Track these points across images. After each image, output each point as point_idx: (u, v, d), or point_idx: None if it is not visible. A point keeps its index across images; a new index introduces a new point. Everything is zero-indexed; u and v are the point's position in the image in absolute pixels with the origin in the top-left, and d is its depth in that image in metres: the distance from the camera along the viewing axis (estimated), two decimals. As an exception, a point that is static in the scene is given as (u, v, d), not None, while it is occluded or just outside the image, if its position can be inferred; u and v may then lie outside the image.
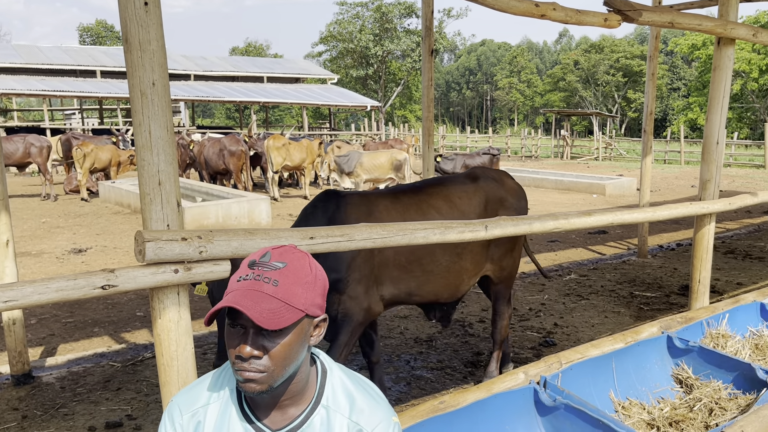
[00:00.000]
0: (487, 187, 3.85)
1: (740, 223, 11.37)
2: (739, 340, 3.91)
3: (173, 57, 35.13)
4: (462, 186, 3.80)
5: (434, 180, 3.95)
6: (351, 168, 12.50)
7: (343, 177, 12.72)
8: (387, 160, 12.78)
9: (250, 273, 1.32)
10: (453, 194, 3.71)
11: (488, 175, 4.00)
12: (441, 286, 3.63)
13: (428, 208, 3.56)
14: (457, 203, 3.68)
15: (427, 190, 3.69)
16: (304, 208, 3.44)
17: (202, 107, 66.46)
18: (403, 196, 3.59)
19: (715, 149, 4.32)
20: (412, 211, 3.50)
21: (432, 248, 3.46)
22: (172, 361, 2.21)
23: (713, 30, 3.93)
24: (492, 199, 3.83)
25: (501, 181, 4.00)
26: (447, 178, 3.93)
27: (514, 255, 4.06)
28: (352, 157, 12.72)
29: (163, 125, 2.09)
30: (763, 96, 38.47)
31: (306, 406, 1.44)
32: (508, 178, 4.12)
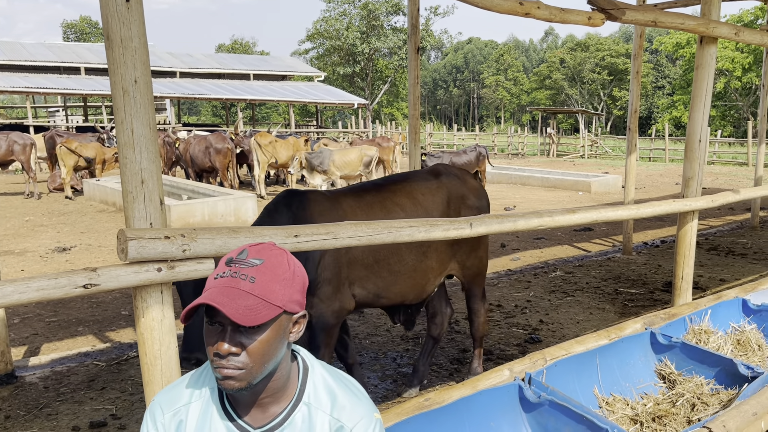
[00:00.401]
0: (449, 184, 3.82)
1: (723, 220, 11.50)
2: (721, 336, 3.96)
3: (159, 54, 34.86)
4: (425, 183, 3.76)
5: (397, 177, 3.89)
6: (324, 166, 12.43)
7: (313, 174, 12.59)
8: (357, 157, 12.74)
9: (227, 270, 1.32)
10: (416, 191, 3.67)
11: (450, 172, 3.96)
12: (408, 287, 3.60)
13: (393, 205, 3.52)
14: (420, 200, 3.64)
15: (390, 188, 3.65)
16: (266, 207, 3.37)
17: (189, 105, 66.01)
18: (366, 195, 3.55)
19: (697, 147, 4.36)
20: (377, 209, 3.46)
21: (398, 247, 3.44)
22: (156, 360, 2.19)
23: (695, 29, 3.97)
24: (454, 197, 3.80)
25: (463, 179, 3.97)
26: (410, 175, 3.90)
27: (480, 253, 4.02)
28: (324, 154, 12.65)
29: (146, 123, 2.07)
30: (747, 94, 38.88)
31: (287, 403, 1.44)
32: (470, 176, 4.09)
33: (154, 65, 31.67)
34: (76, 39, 58.12)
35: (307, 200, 3.34)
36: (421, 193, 3.67)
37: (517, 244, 9.19)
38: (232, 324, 1.28)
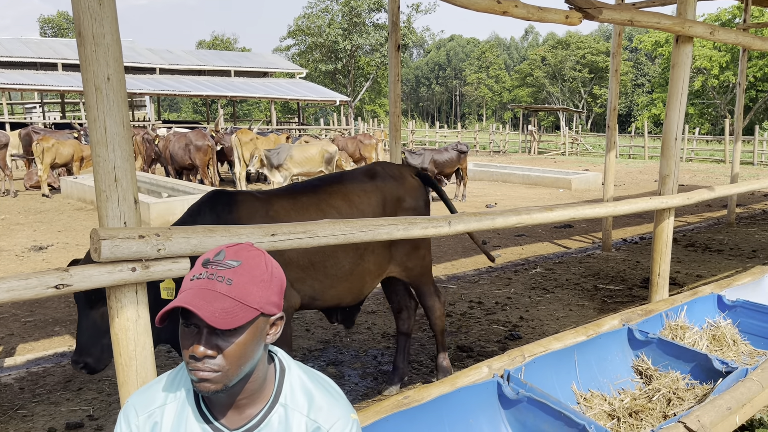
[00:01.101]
0: (385, 186, 3.69)
1: (701, 217, 11.66)
2: (696, 332, 4.01)
3: (138, 50, 34.47)
4: (361, 184, 3.63)
5: (332, 177, 3.78)
6: (281, 161, 12.16)
7: (272, 171, 12.32)
8: (318, 153, 12.48)
9: (203, 272, 1.31)
10: (352, 193, 3.56)
11: (388, 172, 3.82)
12: (344, 290, 3.51)
13: (328, 207, 3.41)
14: (356, 202, 3.53)
15: (326, 189, 3.53)
16: (190, 207, 3.19)
17: (169, 101, 65.42)
18: (301, 196, 3.42)
19: (674, 145, 4.41)
20: (312, 212, 3.34)
21: (334, 250, 3.35)
22: (131, 361, 2.17)
23: (671, 28, 4.01)
24: (390, 199, 3.68)
25: (401, 180, 3.82)
26: (345, 175, 3.78)
27: (421, 254, 3.89)
28: (282, 150, 12.36)
29: (119, 121, 2.05)
30: (724, 92, 39.42)
31: (264, 404, 1.43)
32: (410, 176, 3.94)
33: (133, 61, 31.33)
34: (54, 34, 57.28)
35: (234, 201, 3.19)
36: (357, 195, 3.56)
37: (498, 242, 9.23)
38: (208, 326, 1.26)
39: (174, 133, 15.89)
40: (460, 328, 5.39)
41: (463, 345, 4.96)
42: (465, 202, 13.59)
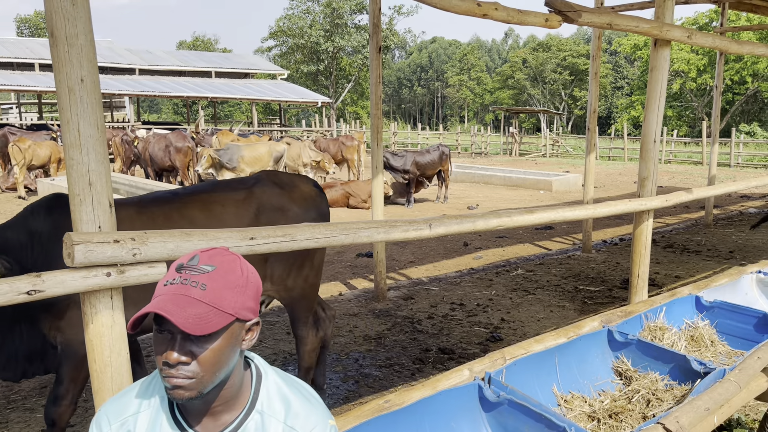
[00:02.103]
0: (263, 194, 3.42)
1: (679, 218, 11.80)
2: (675, 333, 4.05)
3: (117, 50, 34.11)
4: (231, 193, 3.37)
5: (204, 186, 3.52)
6: (234, 162, 11.92)
7: (222, 171, 11.99)
8: (267, 152, 12.32)
9: (177, 277, 1.28)
10: (216, 202, 3.29)
11: (272, 180, 3.55)
12: None
13: (180, 218, 3.12)
14: (218, 213, 3.25)
15: (184, 199, 3.26)
16: (25, 208, 2.94)
17: (149, 102, 64.81)
18: (152, 206, 3.13)
19: (652, 148, 4.45)
20: (159, 223, 3.04)
21: None
22: (106, 367, 2.13)
23: (649, 32, 4.04)
24: (267, 208, 3.41)
25: (289, 189, 3.55)
26: (220, 184, 3.55)
27: (305, 273, 3.56)
28: (232, 149, 12.11)
29: (93, 123, 2.01)
30: (701, 95, 39.99)
31: (240, 411, 1.41)
32: (304, 184, 3.70)
33: (112, 62, 31.00)
34: (31, 34, 56.45)
35: None
36: (222, 204, 3.29)
37: (479, 243, 9.26)
38: (182, 332, 1.24)
39: (154, 134, 15.73)
40: (441, 330, 5.39)
41: (445, 347, 4.95)
42: (447, 203, 13.62)
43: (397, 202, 13.42)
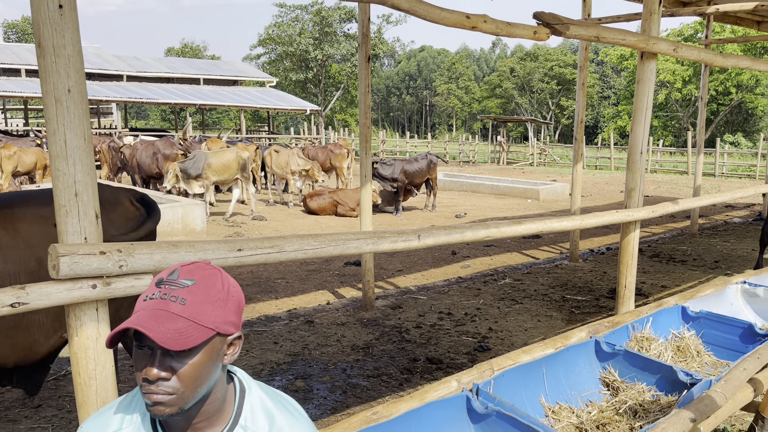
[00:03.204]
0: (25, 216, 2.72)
1: (665, 228, 11.89)
2: (662, 343, 4.07)
3: (105, 57, 33.93)
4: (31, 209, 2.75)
5: None
6: (199, 170, 11.57)
7: (190, 183, 11.63)
8: (234, 159, 12.02)
9: (156, 292, 1.27)
10: None
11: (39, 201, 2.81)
12: (4, 347, 2.68)
13: None
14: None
15: None
16: None
17: (136, 109, 64.49)
18: None
19: (639, 159, 4.48)
20: None
21: None
22: (90, 380, 2.10)
23: (636, 45, 4.08)
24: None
25: (110, 205, 2.97)
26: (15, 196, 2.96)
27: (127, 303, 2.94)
28: (198, 158, 11.74)
29: (80, 134, 1.99)
30: (687, 105, 40.44)
31: (223, 427, 1.39)
32: (126, 201, 3.18)
33: (100, 68, 30.82)
34: (18, 39, 56.06)
35: None
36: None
37: (467, 252, 9.27)
38: (162, 348, 1.22)
39: (141, 141, 15.64)
40: (429, 339, 5.38)
41: (433, 357, 4.95)
42: (435, 212, 13.64)
43: (385, 210, 13.42)
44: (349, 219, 12.33)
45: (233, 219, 11.97)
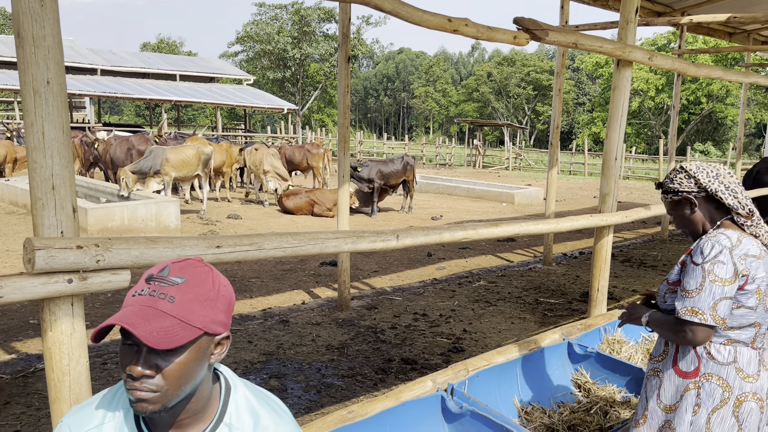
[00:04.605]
0: None
1: (636, 233, 12.09)
2: (632, 346, 4.15)
3: (78, 50, 33.38)
4: None
5: None
6: (158, 166, 11.16)
7: (147, 181, 11.20)
8: (195, 154, 11.73)
9: (145, 288, 1.26)
10: None
11: None
12: None
13: None
14: None
15: None
16: None
17: (110, 104, 63.46)
18: None
19: (613, 165, 4.56)
20: None
21: None
22: (64, 376, 2.08)
23: (612, 52, 4.16)
24: None
25: None
26: None
27: None
28: (155, 154, 11.29)
29: (59, 126, 1.97)
30: (659, 114, 41.20)
31: (207, 424, 1.39)
32: None
33: (73, 61, 30.30)
34: (-13, 30, 54.76)
35: None
36: None
37: (443, 254, 9.33)
38: (148, 345, 1.22)
39: (115, 136, 15.42)
40: (404, 340, 5.41)
41: (408, 357, 4.97)
42: (411, 213, 13.69)
43: (361, 211, 13.42)
44: (326, 219, 12.31)
45: (208, 217, 11.87)
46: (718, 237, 2.03)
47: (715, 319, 1.97)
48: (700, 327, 2.00)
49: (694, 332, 2.01)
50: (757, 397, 2.03)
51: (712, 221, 2.16)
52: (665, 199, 2.26)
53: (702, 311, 1.98)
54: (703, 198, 2.15)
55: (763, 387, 2.04)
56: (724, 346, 2.07)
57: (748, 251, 2.01)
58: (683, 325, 2.03)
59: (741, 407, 2.02)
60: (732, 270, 1.98)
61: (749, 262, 1.99)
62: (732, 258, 1.98)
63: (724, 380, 2.04)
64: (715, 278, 1.98)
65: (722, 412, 2.03)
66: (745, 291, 2.00)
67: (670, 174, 2.23)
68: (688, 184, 2.16)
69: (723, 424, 2.02)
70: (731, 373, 2.04)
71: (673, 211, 2.25)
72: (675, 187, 2.19)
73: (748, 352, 2.07)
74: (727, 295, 1.98)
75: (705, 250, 2.02)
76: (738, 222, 2.11)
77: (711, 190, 2.11)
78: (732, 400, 2.03)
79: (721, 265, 1.98)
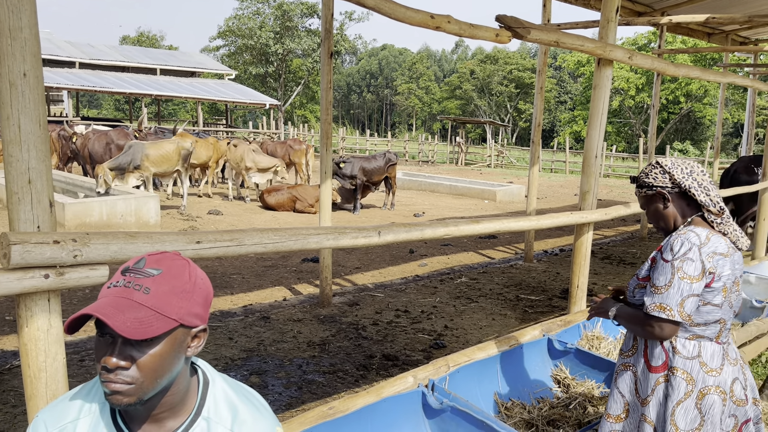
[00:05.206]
0: None
1: (616, 231, 12.23)
2: (611, 342, 4.20)
3: (56, 42, 32.88)
4: None
5: None
6: (137, 162, 10.99)
7: (126, 177, 11.02)
8: (175, 150, 11.57)
9: (121, 279, 1.25)
10: None
11: None
12: None
13: None
14: None
15: None
16: None
17: (89, 97, 62.66)
18: None
19: (594, 163, 4.60)
20: None
21: None
22: (40, 372, 2.05)
23: (593, 51, 4.19)
24: None
25: None
26: None
27: None
28: (135, 149, 11.11)
29: (35, 119, 1.93)
30: (639, 113, 41.64)
31: (185, 418, 1.38)
32: None
33: (50, 54, 29.85)
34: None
35: None
36: None
37: (425, 251, 9.35)
38: (122, 336, 1.21)
39: (93, 130, 15.22)
40: (386, 336, 5.42)
41: (389, 354, 4.98)
42: (394, 210, 13.70)
43: (344, 207, 13.41)
44: (308, 215, 12.28)
45: (188, 213, 11.77)
46: (688, 234, 2.06)
47: (682, 316, 2.01)
48: (668, 323, 2.04)
49: (662, 328, 2.05)
50: (720, 390, 2.07)
51: (683, 217, 2.19)
52: (639, 193, 2.29)
53: (670, 307, 2.01)
54: (677, 194, 2.18)
55: (725, 380, 2.08)
56: (689, 340, 2.11)
57: (716, 249, 2.04)
58: (651, 321, 2.07)
59: (704, 400, 2.06)
60: (700, 267, 2.01)
61: (716, 260, 2.03)
62: (700, 255, 2.01)
63: (688, 374, 2.08)
64: (683, 275, 2.01)
65: (686, 404, 2.07)
66: (711, 288, 2.04)
67: (646, 168, 2.26)
68: (663, 180, 2.19)
69: (686, 416, 2.06)
70: (695, 367, 2.08)
71: (647, 206, 2.28)
72: (650, 182, 2.22)
73: (712, 346, 2.11)
74: (694, 292, 2.01)
75: (675, 247, 2.06)
76: (708, 219, 2.14)
77: (684, 187, 2.14)
78: (695, 393, 2.06)
79: (689, 262, 2.01)
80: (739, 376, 2.13)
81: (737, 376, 2.12)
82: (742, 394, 2.11)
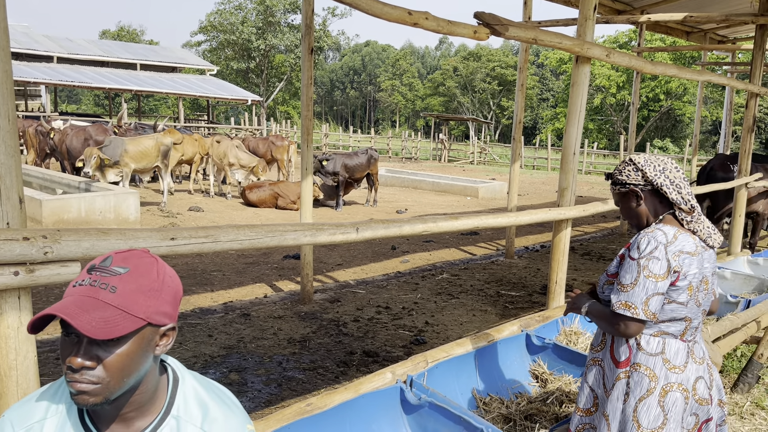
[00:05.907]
0: None
1: (597, 227, 12.34)
2: (588, 337, 4.23)
3: (33, 36, 32.38)
4: None
5: None
6: (117, 157, 10.87)
7: (105, 171, 10.87)
8: (154, 146, 11.45)
9: (86, 278, 1.23)
10: None
11: None
12: None
13: None
14: None
15: None
16: None
17: (67, 92, 61.83)
18: None
19: (572, 159, 4.64)
20: None
21: None
22: (11, 371, 2.02)
23: (572, 48, 4.22)
24: None
25: None
26: None
27: None
28: (114, 144, 10.98)
29: (5, 114, 1.90)
30: (620, 110, 42.02)
31: (154, 417, 1.37)
32: None
33: (27, 48, 29.39)
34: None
35: None
36: None
37: (407, 247, 9.36)
38: (88, 336, 1.19)
39: (71, 126, 15.02)
40: (367, 333, 5.42)
41: (369, 350, 4.98)
42: (376, 207, 13.70)
43: (326, 204, 13.38)
44: (290, 212, 12.23)
45: (168, 209, 11.67)
46: (655, 233, 2.07)
47: (647, 314, 2.02)
48: (633, 321, 2.05)
49: (627, 326, 2.06)
50: (683, 388, 2.07)
51: (655, 215, 2.20)
52: (614, 190, 2.30)
53: (635, 306, 2.02)
54: (649, 191, 2.19)
55: (689, 378, 2.09)
56: (653, 337, 2.12)
57: (683, 248, 2.05)
58: (617, 318, 2.08)
59: (666, 397, 2.07)
60: (665, 266, 2.02)
61: (682, 259, 2.04)
62: (666, 254, 2.02)
63: (651, 370, 2.09)
64: (649, 274, 2.02)
65: (648, 401, 2.08)
66: (676, 287, 2.05)
67: (620, 165, 2.28)
68: (636, 177, 2.19)
69: (649, 412, 2.07)
70: (658, 364, 2.09)
71: (621, 203, 2.29)
72: (623, 179, 2.23)
73: (676, 343, 2.12)
74: (659, 290, 2.02)
75: (641, 246, 2.07)
76: (679, 217, 2.15)
77: (656, 184, 2.15)
78: (658, 390, 2.08)
79: (655, 261, 2.02)
80: (704, 375, 2.14)
81: (702, 375, 2.12)
82: (706, 394, 2.12)
